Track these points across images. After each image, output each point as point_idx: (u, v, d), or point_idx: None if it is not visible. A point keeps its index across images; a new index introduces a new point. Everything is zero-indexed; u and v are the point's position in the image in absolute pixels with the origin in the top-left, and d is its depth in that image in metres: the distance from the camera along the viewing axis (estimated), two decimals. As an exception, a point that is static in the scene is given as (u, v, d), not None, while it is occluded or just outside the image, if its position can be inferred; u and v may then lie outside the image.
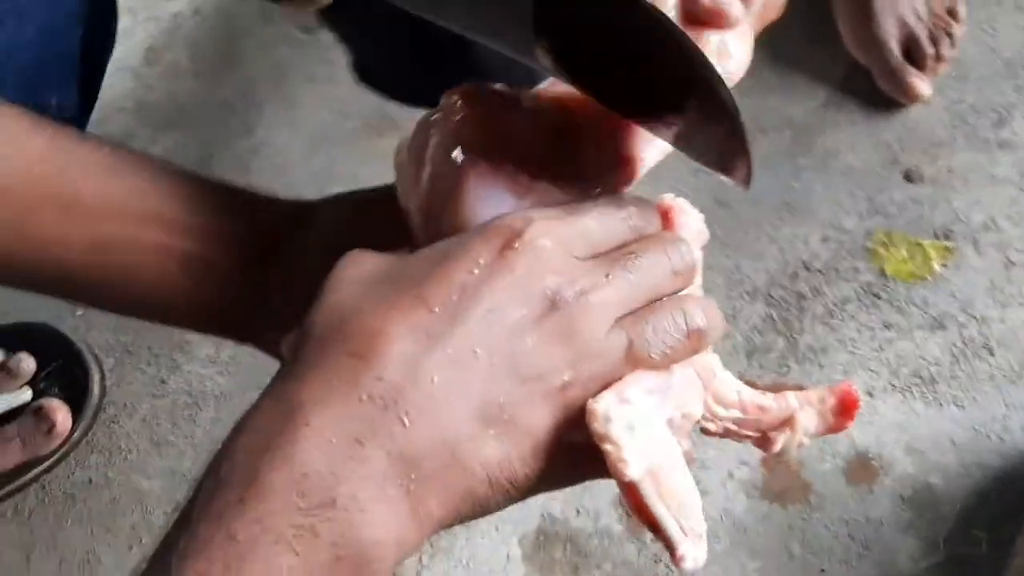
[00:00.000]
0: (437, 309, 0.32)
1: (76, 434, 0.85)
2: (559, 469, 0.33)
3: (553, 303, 0.33)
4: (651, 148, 0.44)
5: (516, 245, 0.33)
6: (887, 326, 0.85)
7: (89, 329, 0.93)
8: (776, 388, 0.44)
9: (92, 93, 0.58)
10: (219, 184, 0.44)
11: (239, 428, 0.31)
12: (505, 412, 0.32)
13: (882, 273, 0.87)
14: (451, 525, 0.33)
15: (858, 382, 0.84)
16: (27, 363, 0.85)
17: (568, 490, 0.35)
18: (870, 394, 0.83)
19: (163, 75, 1.05)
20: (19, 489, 0.84)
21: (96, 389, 0.88)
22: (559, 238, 0.34)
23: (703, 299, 0.37)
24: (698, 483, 0.35)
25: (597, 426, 0.32)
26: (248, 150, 0.99)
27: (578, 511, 0.81)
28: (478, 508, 0.33)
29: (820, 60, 0.97)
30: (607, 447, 0.32)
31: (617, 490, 0.41)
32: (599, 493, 0.82)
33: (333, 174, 0.96)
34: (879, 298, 0.87)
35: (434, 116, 0.41)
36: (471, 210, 0.38)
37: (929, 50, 0.92)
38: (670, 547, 0.33)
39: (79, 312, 0.94)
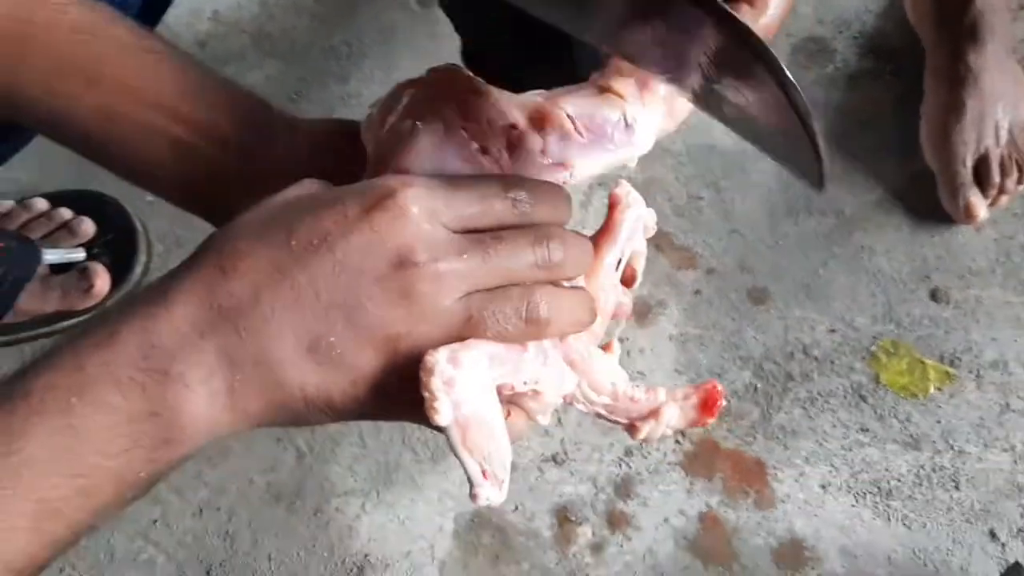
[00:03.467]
0: (295, 248, 0.36)
1: (110, 301, 0.95)
2: (381, 406, 0.38)
3: (401, 263, 0.36)
4: (587, 162, 0.49)
5: (385, 205, 0.37)
6: (863, 430, 0.86)
7: (152, 215, 1.02)
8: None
9: (159, 5, 0.66)
10: (227, 85, 0.49)
11: (127, 296, 0.38)
12: (333, 349, 0.36)
13: (876, 379, 0.88)
14: (270, 425, 0.38)
15: (816, 474, 0.85)
16: (87, 227, 0.95)
17: (512, 486, 0.39)
18: (823, 487, 0.85)
19: (287, 10, 1.13)
20: (47, 335, 0.94)
21: (139, 268, 0.97)
22: (430, 206, 0.37)
23: (567, 293, 0.41)
24: (633, 519, 0.39)
25: (423, 374, 0.37)
26: (338, 96, 1.06)
27: (516, 507, 0.86)
28: (295, 419, 0.38)
29: (889, 160, 0.97)
30: (424, 393, 0.36)
31: (556, 499, 0.45)
32: (541, 497, 0.86)
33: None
34: (864, 401, 0.88)
35: (412, 81, 0.46)
36: (410, 164, 0.42)
37: (996, 178, 0.91)
38: (470, 484, 0.38)
39: (150, 199, 1.03)
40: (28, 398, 0.35)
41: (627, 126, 0.50)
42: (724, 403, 0.47)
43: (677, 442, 0.87)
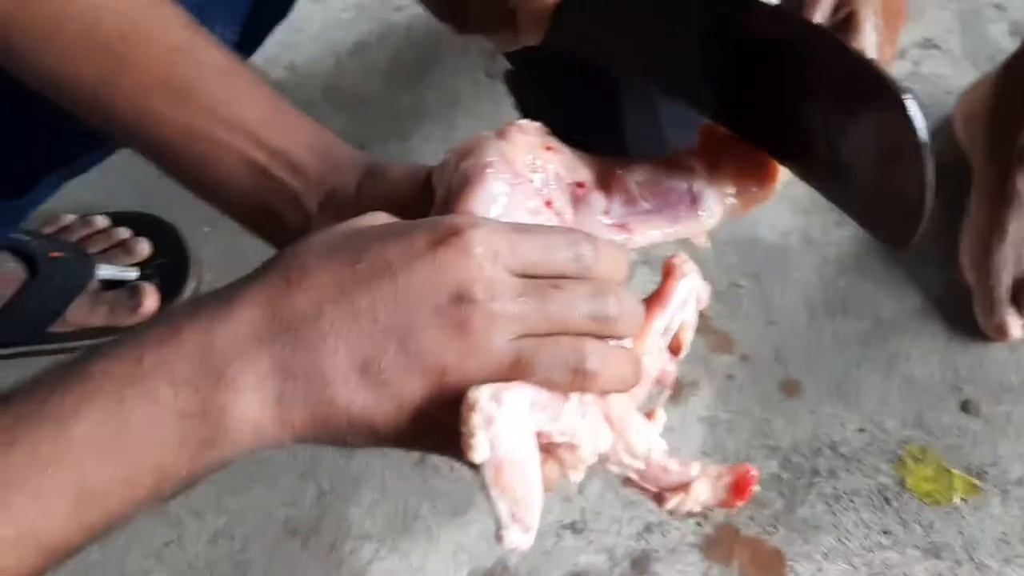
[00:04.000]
0: (359, 271, 0.38)
1: (154, 322, 0.97)
2: (421, 435, 0.39)
3: (459, 298, 0.38)
4: (648, 230, 0.51)
5: (451, 242, 0.38)
6: (885, 532, 0.86)
7: (206, 244, 1.04)
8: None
9: (252, 42, 0.69)
10: (310, 122, 0.51)
11: (195, 297, 0.40)
12: (383, 373, 0.37)
13: (902, 483, 0.88)
14: (311, 442, 0.39)
15: (834, 571, 0.85)
16: (143, 247, 0.98)
17: (528, 549, 0.39)
18: (841, 586, 0.84)
19: (359, 68, 1.18)
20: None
21: (188, 293, 0.99)
22: (494, 248, 0.39)
23: (616, 350, 0.42)
24: None
25: (464, 409, 0.37)
26: (397, 152, 1.10)
27: (530, 572, 0.85)
28: (336, 438, 0.39)
29: (929, 269, 0.99)
30: (463, 428, 0.37)
31: (572, 567, 0.43)
32: (556, 563, 0.85)
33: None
34: (889, 504, 0.87)
35: (490, 134, 0.49)
36: (477, 207, 0.44)
37: (1033, 299, 0.93)
38: (497, 526, 0.38)
39: (206, 228, 1.06)
40: (85, 382, 0.36)
41: (693, 200, 0.52)
42: (755, 489, 0.47)
43: (698, 524, 0.87)
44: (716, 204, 0.52)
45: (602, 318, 0.40)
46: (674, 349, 0.52)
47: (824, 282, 0.98)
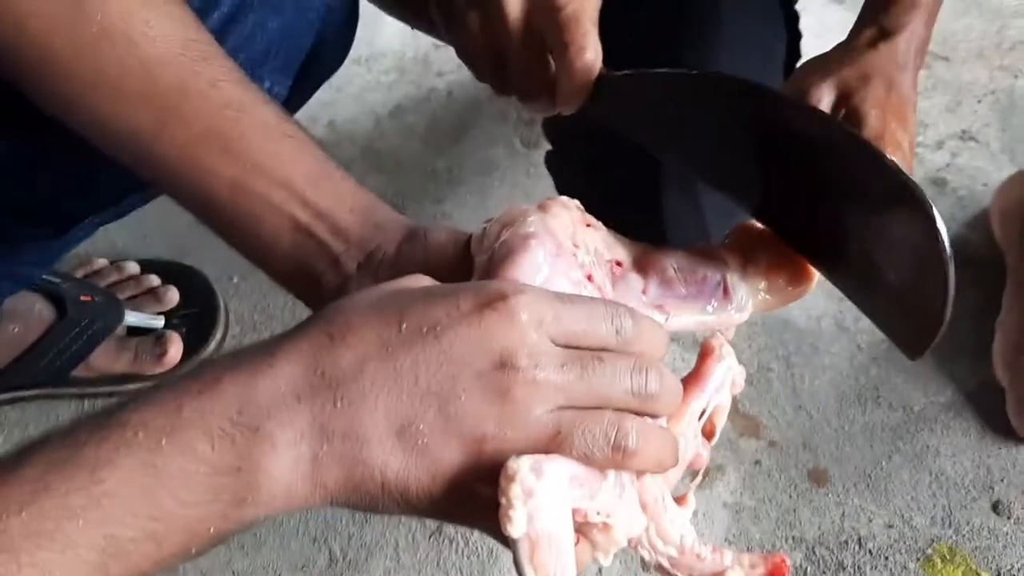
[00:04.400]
0: (404, 331, 0.37)
1: (180, 372, 0.96)
2: (454, 505, 0.38)
3: (502, 364, 0.37)
4: (682, 315, 0.50)
5: (496, 306, 0.38)
6: (911, 634, 0.83)
7: (235, 297, 1.04)
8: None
9: (300, 97, 0.70)
10: (353, 183, 0.52)
11: (238, 349, 0.39)
12: (421, 437, 0.37)
13: (930, 583, 0.86)
14: (343, 505, 0.38)
15: (858, 671, 0.82)
16: (172, 295, 0.98)
17: None
18: None
19: (398, 130, 1.19)
20: (110, 395, 0.95)
21: (214, 344, 0.99)
22: (538, 316, 0.38)
23: (656, 429, 0.41)
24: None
25: (503, 479, 0.36)
26: (431, 215, 1.10)
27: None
28: (368, 503, 0.38)
29: (962, 364, 0.97)
30: (502, 499, 0.36)
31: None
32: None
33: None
34: (915, 604, 0.85)
35: (531, 207, 0.49)
36: (520, 275, 0.44)
37: (1067, 402, 0.91)
38: None
39: (235, 280, 1.06)
40: (122, 430, 0.36)
41: (725, 291, 0.52)
42: None
43: (717, 613, 0.84)
44: (748, 298, 0.52)
45: (643, 394, 0.40)
46: (708, 433, 0.51)
47: (855, 370, 0.97)
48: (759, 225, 0.54)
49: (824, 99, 0.67)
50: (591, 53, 0.55)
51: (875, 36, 0.69)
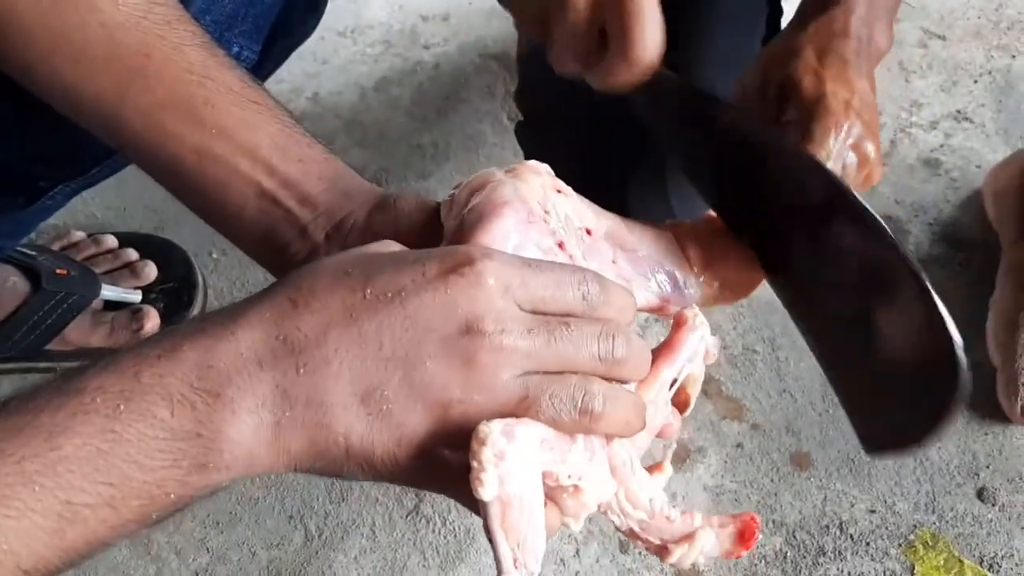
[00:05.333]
0: (368, 297, 0.37)
1: (154, 346, 0.95)
2: (419, 470, 0.37)
3: (468, 330, 0.37)
4: (639, 291, 0.50)
5: (462, 271, 0.37)
6: (891, 620, 0.83)
7: (214, 272, 1.03)
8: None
9: (273, 62, 0.68)
10: (321, 150, 0.50)
11: (198, 316, 0.38)
12: (386, 403, 0.36)
13: (911, 569, 0.85)
14: (307, 471, 0.37)
15: (836, 657, 0.81)
16: (150, 270, 0.97)
17: None
18: (842, 674, 0.80)
19: (383, 103, 1.17)
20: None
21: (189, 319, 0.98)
22: (505, 281, 0.38)
23: (623, 392, 0.41)
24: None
25: (474, 442, 0.36)
26: (416, 190, 1.09)
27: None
28: (333, 469, 0.37)
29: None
30: (473, 463, 0.36)
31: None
32: (546, 628, 0.82)
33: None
34: (896, 590, 0.84)
35: (500, 171, 0.47)
36: (490, 241, 0.43)
37: (1057, 385, 0.90)
38: (498, 568, 0.37)
39: (215, 255, 1.05)
40: (80, 396, 0.35)
41: (677, 286, 0.52)
42: (759, 536, 0.46)
43: (695, 596, 0.84)
44: (696, 291, 0.53)
45: (610, 359, 0.40)
46: (680, 405, 0.51)
47: (841, 354, 0.95)
48: (719, 220, 0.55)
49: (749, 81, 0.65)
50: (651, 49, 0.52)
51: (812, 10, 0.67)
